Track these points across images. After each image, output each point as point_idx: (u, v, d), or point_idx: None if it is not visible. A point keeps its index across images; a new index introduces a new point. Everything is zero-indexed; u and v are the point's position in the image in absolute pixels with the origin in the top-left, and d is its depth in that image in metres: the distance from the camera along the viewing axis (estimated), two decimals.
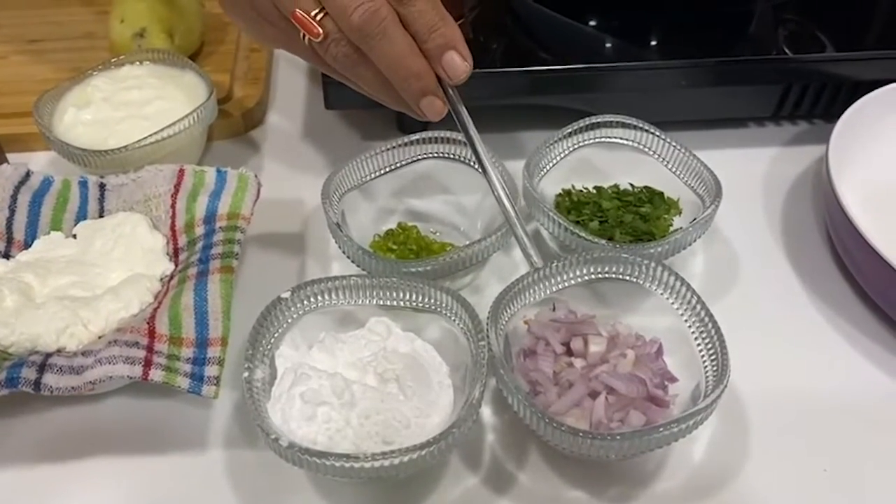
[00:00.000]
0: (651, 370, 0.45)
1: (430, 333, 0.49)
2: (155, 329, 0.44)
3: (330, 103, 0.62)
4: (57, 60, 0.73)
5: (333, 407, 0.42)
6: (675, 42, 0.66)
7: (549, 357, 0.45)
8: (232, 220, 0.49)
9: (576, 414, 0.42)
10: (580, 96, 0.66)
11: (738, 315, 0.54)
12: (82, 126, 0.59)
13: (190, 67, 0.63)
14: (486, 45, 0.68)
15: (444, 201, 0.60)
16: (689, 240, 0.51)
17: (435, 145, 0.57)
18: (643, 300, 0.51)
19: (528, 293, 0.47)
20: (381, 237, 0.57)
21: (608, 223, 0.54)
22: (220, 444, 0.47)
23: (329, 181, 0.53)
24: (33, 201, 0.52)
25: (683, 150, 0.56)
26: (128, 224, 0.50)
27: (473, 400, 0.40)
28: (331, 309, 0.49)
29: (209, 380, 0.42)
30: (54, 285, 0.48)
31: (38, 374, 0.41)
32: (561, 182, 0.58)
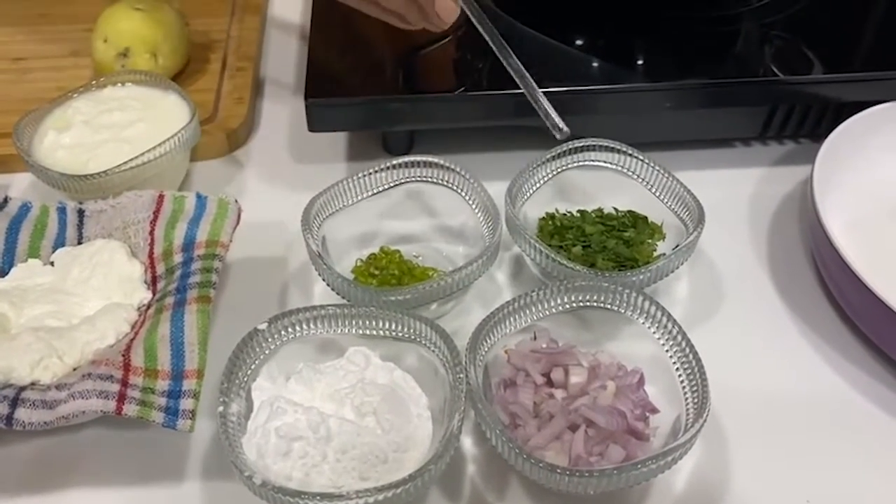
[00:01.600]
0: (632, 401, 0.44)
1: (410, 361, 0.49)
2: (130, 361, 0.43)
3: (313, 126, 0.62)
4: (41, 80, 0.72)
5: (309, 442, 0.41)
6: (661, 63, 0.66)
7: (528, 388, 0.44)
8: (210, 248, 0.49)
9: (555, 447, 0.42)
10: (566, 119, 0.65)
11: (722, 339, 0.53)
12: (62, 150, 0.58)
13: (172, 89, 0.63)
14: (472, 65, 0.68)
15: (427, 224, 0.60)
16: (672, 267, 0.50)
17: (417, 169, 0.57)
18: (624, 327, 0.50)
19: (508, 322, 0.47)
20: (363, 262, 0.57)
21: (591, 248, 0.54)
22: (197, 475, 0.47)
23: (309, 208, 0.53)
24: (10, 228, 0.52)
25: (666, 174, 0.56)
26: (105, 251, 0.50)
27: (451, 435, 0.40)
28: (309, 338, 0.48)
29: (184, 413, 0.42)
30: (30, 315, 0.47)
31: (10, 409, 0.41)
32: (545, 204, 0.58)
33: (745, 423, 0.50)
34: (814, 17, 0.69)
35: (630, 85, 0.65)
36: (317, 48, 0.66)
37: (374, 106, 0.62)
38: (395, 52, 0.67)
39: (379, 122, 0.64)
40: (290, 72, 0.77)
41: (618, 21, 0.69)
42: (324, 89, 0.61)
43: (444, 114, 0.64)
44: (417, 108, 0.63)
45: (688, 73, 0.64)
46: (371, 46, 0.67)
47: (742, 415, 0.50)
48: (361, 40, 0.68)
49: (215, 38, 0.77)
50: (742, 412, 0.50)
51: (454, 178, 0.56)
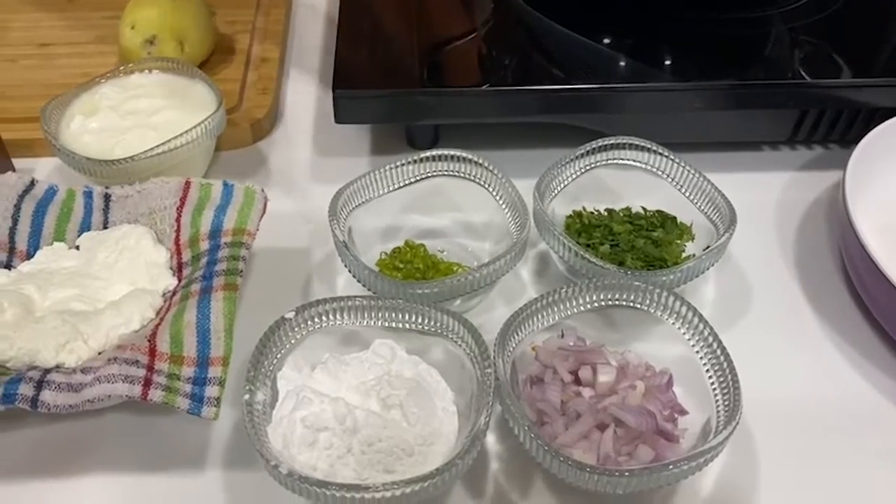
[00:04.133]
0: (661, 402, 0.44)
1: (435, 355, 0.48)
2: (156, 347, 0.43)
3: (340, 118, 0.61)
4: (66, 65, 0.72)
5: (335, 433, 0.41)
6: (690, 63, 0.65)
7: (556, 386, 0.44)
8: (237, 236, 0.49)
9: (583, 446, 0.41)
10: (593, 116, 0.65)
11: (749, 342, 0.53)
12: (89, 135, 0.58)
13: (199, 77, 0.62)
14: (498, 61, 0.68)
15: (452, 219, 0.59)
16: (703, 268, 0.50)
17: (445, 163, 0.56)
18: (653, 327, 0.50)
19: (536, 318, 0.47)
20: (387, 255, 0.56)
21: (619, 247, 0.53)
22: (219, 464, 0.46)
23: (336, 198, 0.53)
24: (37, 211, 0.52)
25: (697, 174, 0.55)
26: (132, 237, 0.50)
27: (478, 430, 0.39)
28: (334, 329, 0.48)
29: (209, 401, 0.42)
30: (55, 298, 0.47)
31: (35, 391, 0.41)
32: (571, 202, 0.58)
33: (771, 426, 0.49)
34: (846, 22, 0.68)
35: (658, 84, 0.64)
36: (345, 41, 0.65)
37: (401, 99, 0.61)
38: (423, 46, 0.67)
39: (406, 116, 0.64)
40: (315, 63, 0.77)
41: (647, 20, 0.68)
42: (351, 81, 0.61)
43: (472, 109, 0.63)
44: (445, 102, 0.62)
45: (717, 74, 0.64)
46: (399, 40, 0.67)
47: (769, 418, 0.49)
48: (389, 33, 0.68)
49: (240, 28, 0.77)
50: (768, 415, 0.49)
51: (482, 174, 0.56)
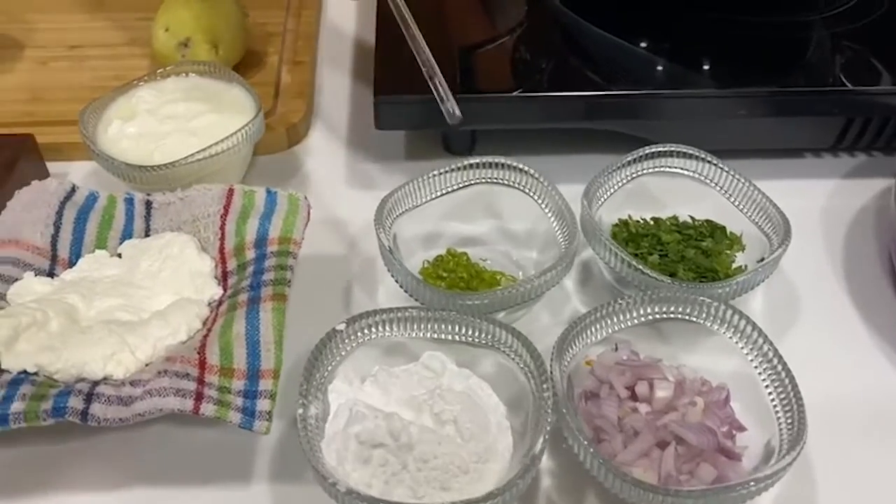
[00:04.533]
0: (719, 418, 0.43)
1: (484, 368, 0.47)
2: (206, 359, 0.42)
3: (381, 124, 0.61)
4: (97, 68, 0.71)
5: (390, 449, 0.40)
6: (730, 68, 0.64)
7: (613, 402, 0.43)
8: (283, 245, 0.48)
9: (643, 464, 0.40)
10: (634, 122, 0.64)
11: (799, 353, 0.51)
12: (127, 139, 0.57)
13: (237, 81, 0.62)
14: (533, 65, 0.67)
15: (493, 226, 0.58)
16: (758, 280, 0.49)
17: (490, 170, 0.55)
18: (704, 340, 0.49)
19: (589, 332, 0.46)
20: (430, 263, 0.55)
21: (668, 258, 0.52)
22: (265, 477, 0.46)
23: (383, 204, 0.52)
24: (78, 218, 0.51)
25: (747, 183, 0.54)
26: (175, 245, 0.49)
27: (536, 450, 0.39)
28: (382, 340, 0.47)
29: (261, 414, 0.41)
30: (100, 307, 0.46)
31: (85, 404, 0.40)
32: (615, 211, 0.57)
33: (824, 435, 0.48)
34: (890, 28, 0.67)
35: (700, 90, 0.63)
36: (384, 46, 0.64)
37: None
38: (464, 50, 0.66)
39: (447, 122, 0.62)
40: (347, 66, 0.76)
41: (687, 23, 0.67)
42: (392, 88, 0.60)
43: (516, 115, 0.62)
44: (488, 108, 0.61)
45: (758, 80, 0.63)
46: (439, 44, 0.66)
47: (820, 427, 0.48)
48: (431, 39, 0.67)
49: (272, 30, 0.76)
50: (820, 425, 0.48)
51: (527, 181, 0.55)
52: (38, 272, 0.48)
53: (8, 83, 0.70)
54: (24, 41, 0.74)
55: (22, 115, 0.67)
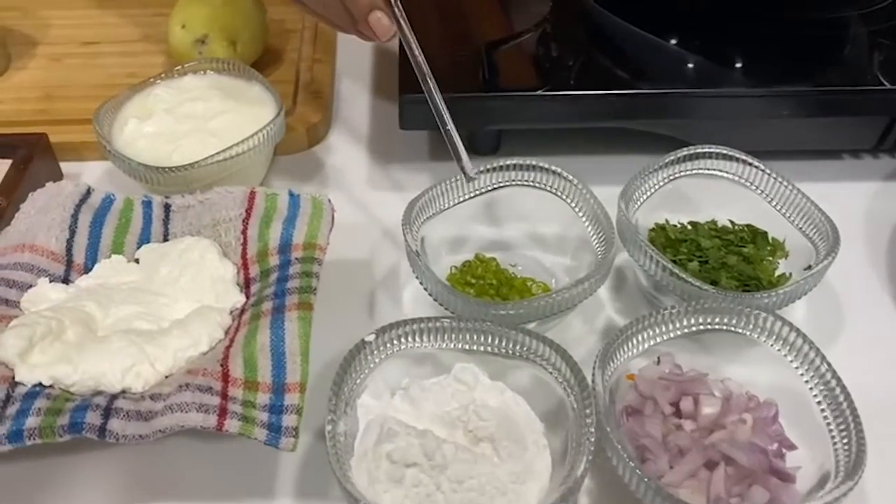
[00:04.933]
0: (768, 436, 0.41)
1: (517, 380, 0.45)
2: (229, 372, 0.40)
3: (405, 124, 0.58)
4: (112, 65, 0.70)
5: (423, 469, 0.38)
6: (764, 66, 0.62)
7: (657, 419, 0.41)
8: (308, 251, 0.46)
9: (691, 486, 0.38)
10: (666, 122, 0.62)
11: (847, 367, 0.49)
12: (144, 139, 0.55)
13: (257, 80, 0.60)
14: (559, 62, 0.65)
15: (521, 230, 0.56)
16: (805, 289, 0.46)
17: (522, 172, 0.53)
18: (747, 351, 0.46)
19: (630, 344, 0.43)
20: (458, 269, 0.53)
21: (709, 264, 0.50)
22: (289, 494, 0.44)
23: (411, 207, 0.50)
24: (94, 221, 0.49)
25: (790, 187, 0.52)
26: (195, 250, 0.47)
27: (579, 472, 0.36)
28: (411, 352, 0.45)
29: (287, 431, 0.39)
30: (117, 316, 0.44)
31: (103, 420, 0.38)
32: (651, 214, 0.54)
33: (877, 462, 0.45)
34: None
35: (731, 89, 0.61)
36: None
37: (471, 104, 0.58)
38: (489, 47, 0.64)
39: (475, 121, 0.60)
40: (366, 64, 0.74)
41: (721, 19, 0.65)
42: (418, 86, 0.58)
43: (544, 114, 0.60)
44: (519, 106, 0.59)
45: (795, 79, 0.60)
46: (466, 41, 0.64)
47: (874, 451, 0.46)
48: (455, 35, 0.65)
49: (290, 27, 0.74)
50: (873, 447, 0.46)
51: (560, 184, 0.53)
52: (53, 278, 0.47)
53: (21, 81, 0.68)
54: (38, 38, 0.72)
55: (35, 114, 0.65)
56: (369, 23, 0.47)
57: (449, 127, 0.48)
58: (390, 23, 0.47)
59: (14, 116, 0.64)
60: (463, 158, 0.48)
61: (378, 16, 0.47)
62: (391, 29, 0.48)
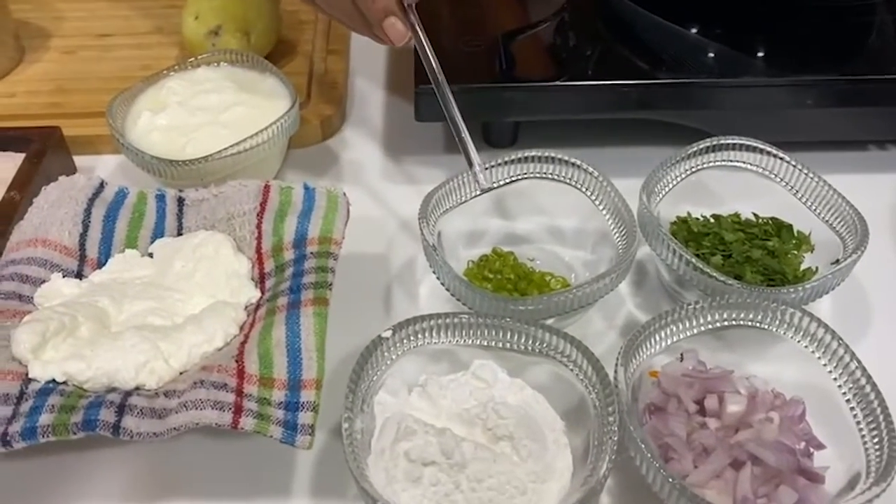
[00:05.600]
0: (795, 435, 0.40)
1: (536, 377, 0.44)
2: (244, 368, 0.40)
3: (421, 115, 0.57)
4: (126, 57, 0.69)
5: (441, 468, 0.37)
6: (786, 54, 0.61)
7: (681, 417, 0.40)
8: (324, 245, 0.45)
9: (716, 486, 0.37)
10: (686, 113, 0.60)
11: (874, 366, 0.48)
12: (157, 132, 0.55)
13: (270, 71, 0.59)
14: (576, 52, 0.63)
15: (539, 224, 0.55)
16: (833, 284, 0.45)
17: (541, 164, 0.52)
18: (771, 347, 0.45)
19: (653, 341, 0.42)
20: (475, 264, 0.52)
21: (732, 258, 0.49)
22: (305, 492, 0.43)
23: (427, 200, 0.49)
24: (107, 216, 0.48)
25: (816, 179, 0.50)
26: (210, 244, 0.46)
27: (602, 472, 0.35)
28: (428, 348, 0.44)
29: (303, 428, 0.38)
30: (131, 311, 0.44)
31: (117, 417, 0.37)
32: (673, 207, 0.53)
33: None
34: None
35: (754, 79, 0.60)
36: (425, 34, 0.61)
37: (487, 95, 0.57)
38: (505, 36, 0.62)
39: (492, 113, 0.59)
40: (380, 56, 0.73)
41: (742, 7, 0.63)
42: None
43: (563, 105, 0.59)
44: (536, 98, 0.59)
45: (819, 68, 0.59)
46: (482, 31, 0.63)
47: None
48: (470, 25, 0.63)
49: (304, 18, 0.73)
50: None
51: (580, 176, 0.52)
52: (66, 273, 0.46)
53: (34, 73, 0.68)
54: (52, 30, 0.72)
55: (48, 107, 0.65)
56: (384, 28, 0.47)
57: (464, 135, 0.47)
58: (405, 28, 0.47)
59: (27, 110, 0.64)
60: (476, 168, 0.47)
61: (392, 21, 0.47)
62: (405, 34, 0.48)
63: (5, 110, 0.64)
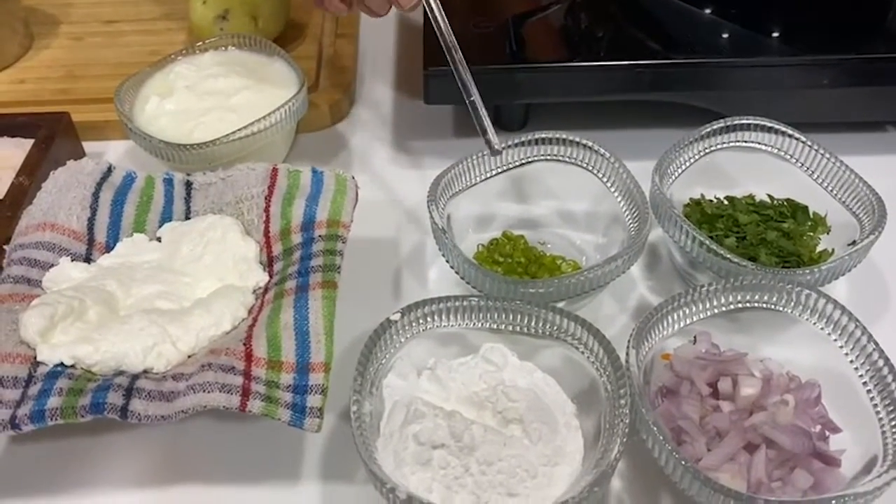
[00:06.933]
0: (811, 418, 0.39)
1: (547, 361, 0.44)
2: (252, 351, 0.39)
3: (430, 98, 0.57)
4: (134, 43, 0.69)
5: (451, 451, 0.37)
6: (802, 32, 0.59)
7: (694, 400, 0.39)
8: (332, 229, 0.45)
9: (730, 470, 0.37)
10: (700, 94, 0.59)
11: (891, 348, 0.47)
12: (165, 117, 0.54)
13: (279, 55, 0.58)
14: (588, 33, 0.63)
15: (549, 207, 0.54)
16: (849, 265, 0.44)
17: (551, 146, 0.52)
18: (786, 329, 0.45)
19: (665, 323, 0.42)
20: (485, 247, 0.52)
21: (747, 240, 0.48)
22: (315, 476, 0.43)
23: (437, 183, 0.48)
24: (115, 200, 0.48)
25: (833, 159, 0.49)
26: (218, 228, 0.46)
27: (614, 455, 0.35)
28: (437, 331, 0.44)
29: (312, 411, 0.38)
30: (139, 295, 0.44)
31: (125, 400, 0.37)
32: (686, 189, 0.52)
33: None
34: None
35: (769, 58, 0.59)
36: None
37: (499, 77, 0.57)
38: (516, 17, 0.62)
39: (504, 95, 0.59)
40: (390, 38, 0.73)
41: None
42: (443, 59, 0.56)
43: (577, 86, 0.58)
44: (549, 79, 0.58)
45: (836, 47, 0.58)
46: (492, 13, 0.62)
47: None
48: (481, 6, 0.63)
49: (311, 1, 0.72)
50: None
51: (592, 158, 0.51)
52: (75, 257, 0.46)
53: (43, 60, 0.68)
54: (60, 17, 0.72)
55: (57, 93, 0.64)
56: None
57: (474, 97, 0.47)
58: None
59: (37, 96, 0.64)
60: (489, 131, 0.47)
61: None
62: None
63: (15, 96, 0.64)
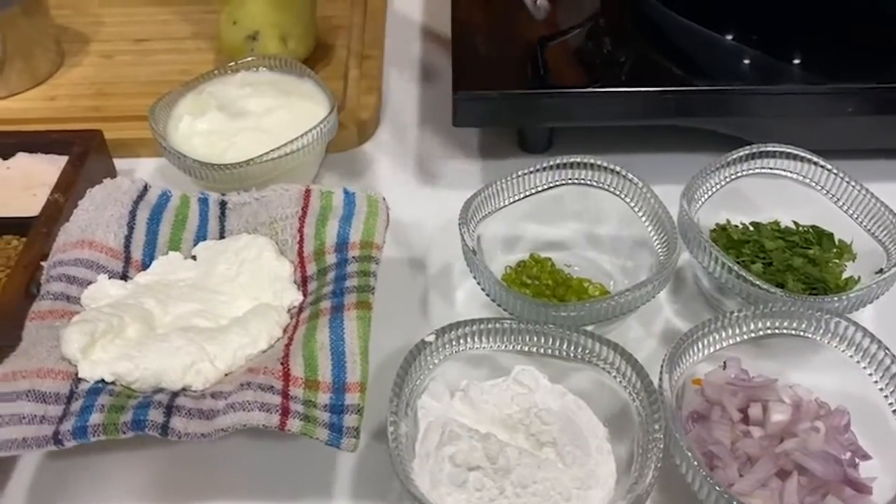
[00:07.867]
0: (841, 445, 0.39)
1: (577, 384, 0.44)
2: (290, 371, 0.40)
3: (459, 121, 0.58)
4: (164, 62, 0.70)
5: (486, 472, 0.37)
6: (825, 60, 0.60)
7: (725, 425, 0.39)
8: (365, 250, 0.45)
9: (762, 496, 0.37)
10: (724, 120, 0.60)
11: None
12: (198, 136, 0.55)
13: (309, 76, 0.59)
14: (611, 58, 0.63)
15: (575, 230, 0.55)
16: (877, 293, 0.45)
17: (581, 171, 0.52)
18: (812, 356, 0.45)
19: (696, 348, 0.42)
20: (512, 269, 0.52)
21: (773, 266, 0.49)
22: (346, 495, 0.43)
23: (468, 205, 0.49)
24: (151, 218, 0.49)
25: (858, 187, 0.50)
26: (253, 248, 0.47)
27: (648, 480, 0.35)
28: (469, 353, 0.44)
29: (348, 431, 0.38)
30: (176, 313, 0.44)
31: (165, 417, 0.38)
32: (711, 214, 0.53)
33: None
34: None
35: (791, 86, 0.59)
36: (461, 40, 0.62)
37: (527, 101, 0.58)
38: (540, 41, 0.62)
39: (531, 118, 0.60)
40: (414, 59, 0.74)
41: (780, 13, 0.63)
42: (472, 83, 0.57)
43: (601, 111, 0.59)
44: (568, 103, 0.58)
45: (860, 75, 0.58)
46: (517, 38, 0.63)
47: None
48: (506, 31, 0.64)
49: (338, 23, 0.74)
50: None
51: (619, 183, 0.52)
52: (112, 275, 0.47)
53: (73, 77, 0.69)
54: (90, 35, 0.73)
55: (87, 111, 0.66)
56: None
57: None
58: None
59: (67, 113, 0.65)
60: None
61: None
62: None
63: (47, 113, 0.65)
